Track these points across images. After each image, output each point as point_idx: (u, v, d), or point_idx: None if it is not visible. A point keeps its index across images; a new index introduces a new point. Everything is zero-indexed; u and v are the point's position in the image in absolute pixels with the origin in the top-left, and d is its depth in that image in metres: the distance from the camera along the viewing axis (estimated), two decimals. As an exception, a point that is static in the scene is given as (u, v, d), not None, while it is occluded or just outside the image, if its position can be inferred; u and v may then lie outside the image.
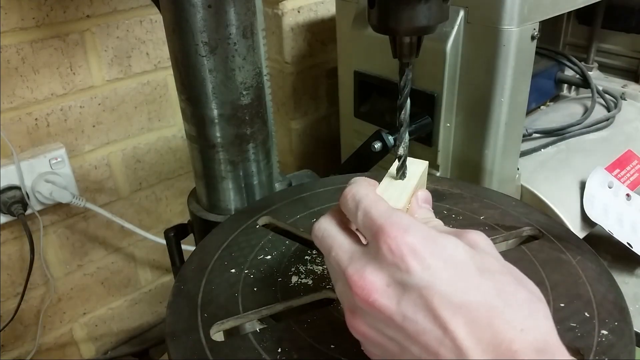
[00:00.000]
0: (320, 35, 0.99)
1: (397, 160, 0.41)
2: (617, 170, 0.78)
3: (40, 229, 0.86)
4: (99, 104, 0.88)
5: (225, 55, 0.55)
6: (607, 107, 0.90)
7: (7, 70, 0.77)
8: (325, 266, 0.48)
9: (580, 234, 0.71)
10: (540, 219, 0.53)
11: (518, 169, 0.73)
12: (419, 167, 0.43)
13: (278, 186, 0.71)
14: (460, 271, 0.29)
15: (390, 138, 0.68)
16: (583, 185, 0.73)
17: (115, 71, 0.87)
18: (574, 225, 0.71)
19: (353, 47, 0.78)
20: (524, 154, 0.77)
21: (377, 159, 0.70)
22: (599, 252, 0.48)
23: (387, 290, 0.29)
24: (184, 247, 0.72)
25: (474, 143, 0.69)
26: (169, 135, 0.98)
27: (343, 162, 0.79)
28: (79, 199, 0.86)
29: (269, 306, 0.43)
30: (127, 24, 0.86)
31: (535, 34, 0.63)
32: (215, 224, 0.62)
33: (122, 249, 1.01)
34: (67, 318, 0.99)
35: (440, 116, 0.69)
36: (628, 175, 0.79)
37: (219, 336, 0.41)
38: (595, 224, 0.71)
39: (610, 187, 0.75)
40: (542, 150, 0.80)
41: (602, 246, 0.75)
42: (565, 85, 1.00)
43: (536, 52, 0.65)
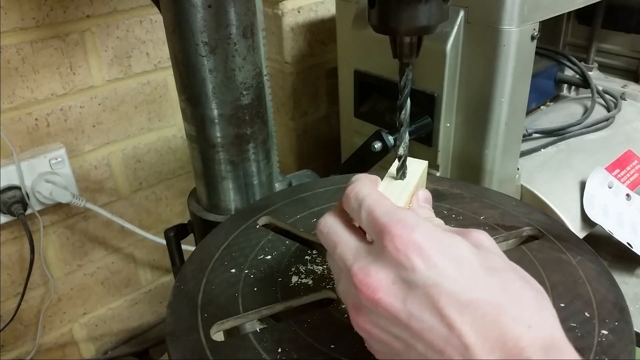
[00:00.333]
0: (320, 35, 0.99)
1: (397, 160, 0.41)
2: (617, 170, 0.78)
3: (40, 229, 0.86)
4: (99, 104, 0.88)
5: (225, 55, 0.55)
6: (607, 107, 0.90)
7: (7, 70, 0.77)
8: (325, 266, 0.48)
9: (580, 234, 0.71)
10: (540, 219, 0.53)
11: (518, 169, 0.73)
12: (419, 166, 0.43)
13: (278, 186, 0.71)
14: (466, 269, 0.29)
15: (390, 138, 0.68)
16: (583, 186, 0.73)
17: (115, 71, 0.87)
18: (574, 225, 0.71)
19: (353, 47, 0.78)
20: (524, 154, 0.77)
21: (377, 159, 0.70)
22: (599, 252, 0.48)
23: (392, 288, 0.29)
24: (184, 247, 0.72)
25: (474, 143, 0.69)
26: (169, 135, 0.98)
27: (343, 162, 0.79)
28: (79, 199, 0.86)
29: (269, 306, 0.43)
30: (127, 24, 0.86)
31: (535, 34, 0.63)
32: (215, 224, 0.62)
33: (122, 249, 1.01)
34: (67, 318, 0.99)
35: (440, 116, 0.69)
36: (628, 175, 0.79)
37: (219, 336, 0.41)
38: (595, 224, 0.71)
39: (610, 187, 0.75)
40: (542, 150, 0.80)
41: (602, 246, 0.75)
42: (565, 85, 1.00)
43: (536, 52, 0.65)
